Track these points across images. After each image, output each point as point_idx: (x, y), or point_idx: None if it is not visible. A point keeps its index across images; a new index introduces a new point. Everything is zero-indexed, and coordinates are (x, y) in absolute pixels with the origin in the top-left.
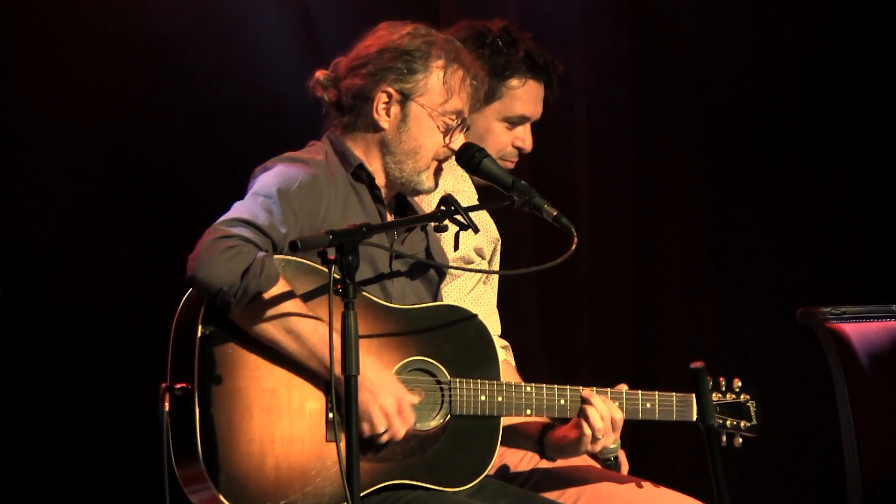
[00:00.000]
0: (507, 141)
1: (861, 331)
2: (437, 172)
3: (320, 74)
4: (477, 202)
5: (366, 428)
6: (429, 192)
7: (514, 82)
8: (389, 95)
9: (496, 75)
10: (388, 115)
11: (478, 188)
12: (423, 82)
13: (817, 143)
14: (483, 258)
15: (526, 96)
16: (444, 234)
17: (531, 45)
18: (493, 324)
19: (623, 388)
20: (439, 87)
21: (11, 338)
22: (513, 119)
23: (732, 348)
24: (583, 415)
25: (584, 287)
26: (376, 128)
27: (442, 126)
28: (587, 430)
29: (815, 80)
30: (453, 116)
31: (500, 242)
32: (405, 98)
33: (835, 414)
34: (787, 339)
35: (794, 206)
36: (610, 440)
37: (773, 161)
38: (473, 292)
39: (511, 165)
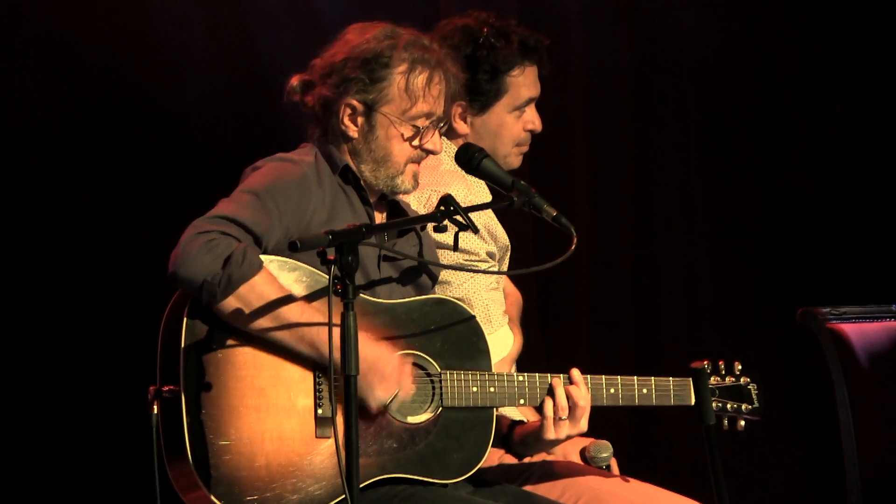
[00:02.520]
0: (519, 129)
1: (861, 331)
2: (413, 173)
3: (294, 81)
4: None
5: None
6: (408, 192)
7: (515, 72)
8: (353, 108)
9: (498, 73)
10: (354, 124)
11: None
12: (386, 91)
13: (817, 143)
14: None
15: (527, 81)
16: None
17: (521, 32)
18: (499, 311)
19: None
20: (402, 94)
21: (2, 339)
22: (521, 105)
23: (732, 348)
24: (548, 397)
25: (583, 287)
26: (346, 137)
27: (410, 131)
28: (548, 413)
29: (815, 78)
30: (421, 120)
31: (509, 251)
32: (369, 109)
33: (835, 414)
34: (787, 340)
35: (794, 205)
36: (572, 427)
37: (773, 160)
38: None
39: (526, 149)
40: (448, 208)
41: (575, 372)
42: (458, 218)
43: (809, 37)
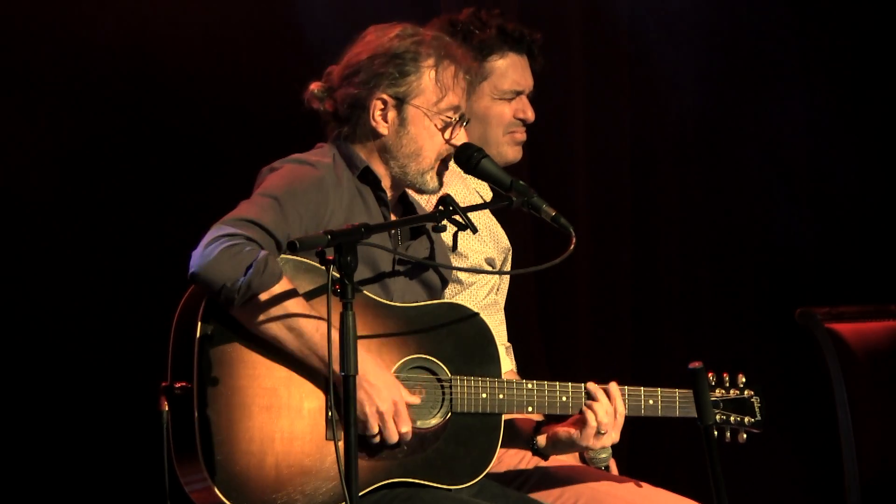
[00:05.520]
0: (508, 114)
1: (859, 331)
2: (441, 172)
3: (314, 87)
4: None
5: (360, 428)
6: (433, 192)
7: (495, 58)
8: (385, 102)
9: (475, 59)
10: (385, 120)
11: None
12: (416, 84)
13: (816, 142)
14: (494, 268)
15: (510, 70)
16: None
17: (501, 21)
18: (500, 333)
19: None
20: (432, 86)
21: (12, 337)
22: (506, 95)
23: (731, 348)
24: (589, 409)
25: (582, 287)
26: (376, 135)
27: (440, 124)
28: (592, 423)
29: (813, 78)
30: (450, 113)
31: (510, 252)
32: (400, 102)
33: (833, 414)
34: (786, 340)
35: (793, 205)
36: (611, 438)
37: (772, 160)
38: (485, 301)
39: (521, 137)
40: (447, 208)
41: (613, 386)
42: (458, 218)
43: (809, 31)
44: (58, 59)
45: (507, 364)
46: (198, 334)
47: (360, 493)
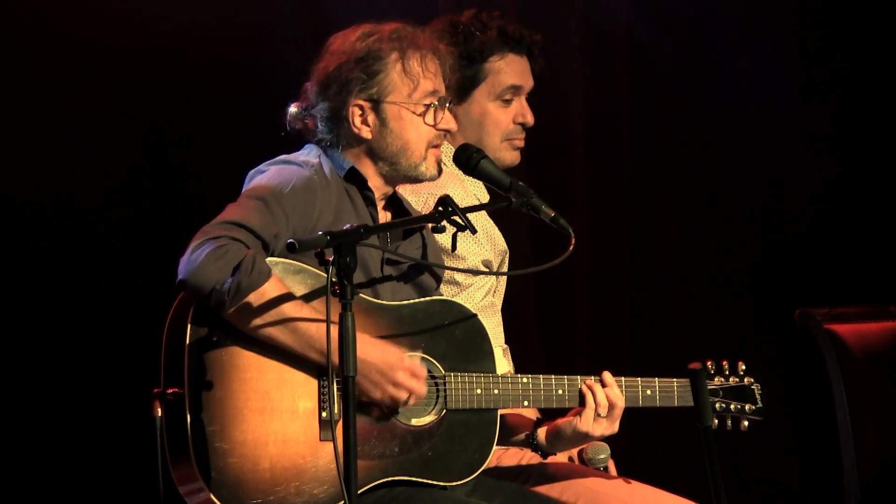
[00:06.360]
0: (507, 119)
1: (859, 332)
2: (436, 158)
3: (294, 107)
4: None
5: (390, 403)
6: (432, 179)
7: (494, 59)
8: (361, 107)
9: (475, 60)
10: (367, 125)
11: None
12: (387, 81)
13: (815, 141)
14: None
15: (509, 68)
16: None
17: (502, 23)
18: (497, 335)
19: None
20: (403, 79)
21: (4, 342)
22: (504, 93)
23: (730, 349)
24: (588, 390)
25: (581, 287)
26: (360, 140)
27: (420, 111)
28: (591, 404)
29: (813, 77)
30: (428, 99)
31: (507, 255)
32: (376, 103)
33: (832, 415)
34: (785, 340)
35: (792, 205)
36: (610, 427)
37: (772, 159)
38: (482, 303)
39: (520, 143)
40: (446, 209)
41: (607, 374)
42: (457, 219)
43: (807, 32)
44: (56, 58)
45: (505, 366)
46: (187, 339)
47: (358, 493)
